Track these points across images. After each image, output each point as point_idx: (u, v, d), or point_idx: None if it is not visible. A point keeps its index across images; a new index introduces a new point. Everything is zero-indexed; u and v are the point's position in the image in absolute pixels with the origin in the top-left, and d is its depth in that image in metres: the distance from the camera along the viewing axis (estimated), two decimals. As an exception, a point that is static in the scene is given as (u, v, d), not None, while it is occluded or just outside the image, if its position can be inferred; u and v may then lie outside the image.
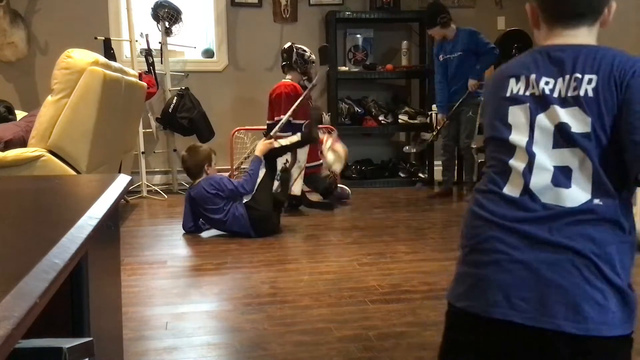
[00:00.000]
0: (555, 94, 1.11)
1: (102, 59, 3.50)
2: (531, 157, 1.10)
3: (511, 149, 1.13)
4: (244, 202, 3.75)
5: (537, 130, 1.11)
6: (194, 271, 3.03)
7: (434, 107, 5.61)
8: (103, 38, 5.02)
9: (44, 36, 5.40)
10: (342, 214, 4.47)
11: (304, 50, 4.76)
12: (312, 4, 5.89)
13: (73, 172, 3.23)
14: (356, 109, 5.84)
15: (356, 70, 5.89)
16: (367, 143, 6.09)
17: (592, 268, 1.02)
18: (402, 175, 5.90)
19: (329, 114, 5.76)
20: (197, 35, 5.84)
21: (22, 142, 3.33)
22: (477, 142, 4.84)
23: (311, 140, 4.20)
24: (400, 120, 5.82)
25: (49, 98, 3.26)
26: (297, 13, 5.87)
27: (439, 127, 5.07)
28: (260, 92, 5.75)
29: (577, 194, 1.05)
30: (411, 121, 5.80)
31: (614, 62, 1.09)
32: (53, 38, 5.35)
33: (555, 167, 1.08)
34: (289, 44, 4.84)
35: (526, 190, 1.08)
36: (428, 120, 5.66)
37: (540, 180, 1.08)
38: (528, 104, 1.13)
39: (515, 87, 1.15)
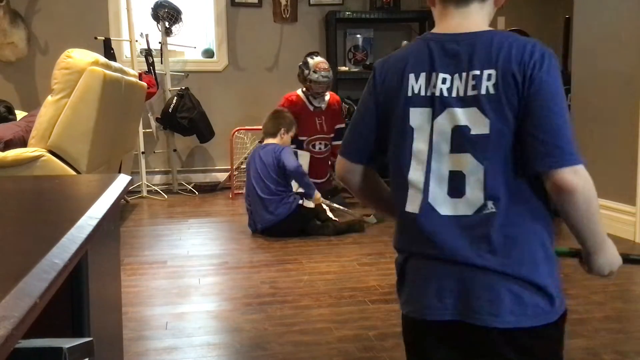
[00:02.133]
0: (454, 94, 1.03)
1: (102, 59, 3.50)
2: (428, 166, 1.05)
3: (408, 158, 1.07)
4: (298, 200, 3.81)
5: (435, 135, 1.04)
6: (194, 271, 3.03)
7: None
8: (103, 38, 5.03)
9: (44, 36, 5.40)
10: (342, 214, 4.46)
11: (305, 64, 4.51)
12: (312, 4, 5.89)
13: (73, 172, 3.23)
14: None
15: (356, 70, 5.89)
16: (367, 143, 6.09)
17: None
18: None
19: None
20: (197, 35, 5.84)
21: (22, 142, 3.33)
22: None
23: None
24: (400, 120, 5.82)
25: (49, 98, 3.26)
26: (297, 13, 5.87)
27: None
28: (260, 92, 5.76)
29: (471, 200, 1.02)
30: (411, 121, 5.80)
31: (511, 54, 1.01)
32: (53, 38, 5.36)
33: (451, 173, 1.03)
34: (310, 53, 4.62)
35: (425, 205, 1.05)
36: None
37: (438, 191, 1.04)
38: (429, 107, 1.05)
39: (415, 85, 1.06)
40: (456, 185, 1.03)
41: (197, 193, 5.31)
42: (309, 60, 4.53)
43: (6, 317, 0.45)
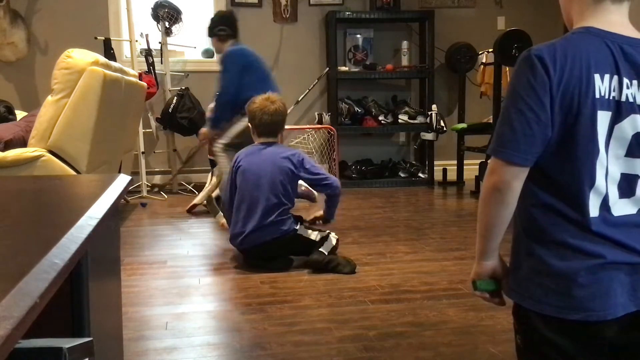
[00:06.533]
0: (638, 100, 1.04)
1: (102, 59, 3.50)
2: (606, 169, 1.04)
3: (592, 163, 1.04)
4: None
5: (613, 139, 1.04)
6: (194, 271, 3.03)
7: (434, 107, 5.64)
8: (103, 38, 5.03)
9: (44, 36, 5.41)
10: (342, 214, 4.47)
11: None
12: (312, 4, 5.89)
13: (73, 172, 3.24)
14: (356, 109, 5.85)
15: (356, 70, 5.89)
16: (367, 143, 6.09)
17: None
18: (402, 175, 5.91)
19: (329, 114, 5.77)
20: (197, 35, 5.84)
21: (22, 142, 3.34)
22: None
23: None
24: (400, 120, 5.83)
25: (49, 98, 3.27)
26: (297, 13, 5.87)
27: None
28: (260, 92, 5.76)
29: (638, 199, 1.07)
30: (411, 121, 5.81)
31: None
32: (53, 38, 5.36)
33: (623, 175, 1.05)
34: None
35: (603, 207, 1.05)
36: (428, 120, 5.68)
37: (612, 193, 1.05)
38: (610, 111, 1.03)
39: (601, 86, 1.02)
40: (627, 186, 1.06)
41: (197, 193, 5.30)
42: None
43: (6, 317, 0.45)
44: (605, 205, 1.05)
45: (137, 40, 5.22)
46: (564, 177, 1.06)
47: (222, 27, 4.18)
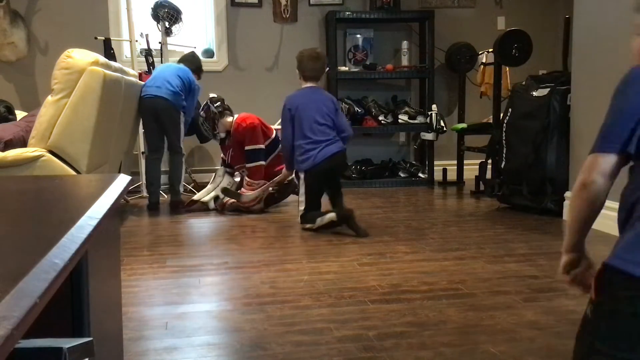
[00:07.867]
0: None
1: (102, 59, 3.50)
2: None
3: None
4: None
5: None
6: (194, 271, 3.03)
7: (434, 107, 5.64)
8: (103, 38, 5.03)
9: (44, 36, 5.41)
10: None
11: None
12: (312, 4, 5.90)
13: (73, 172, 3.24)
14: (356, 109, 5.85)
15: (356, 70, 5.89)
16: (367, 143, 6.09)
17: None
18: (402, 175, 5.91)
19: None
20: (197, 35, 5.85)
21: (22, 142, 3.34)
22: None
23: None
24: (400, 120, 5.83)
25: (49, 98, 3.27)
26: (297, 13, 5.88)
27: None
28: (260, 92, 5.77)
29: None
30: (411, 121, 5.81)
31: None
32: (53, 38, 5.36)
33: None
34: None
35: None
36: (428, 120, 5.68)
37: None
38: None
39: None
40: None
41: (197, 193, 5.30)
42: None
43: (6, 317, 0.45)
44: None
45: (137, 40, 5.22)
46: None
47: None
